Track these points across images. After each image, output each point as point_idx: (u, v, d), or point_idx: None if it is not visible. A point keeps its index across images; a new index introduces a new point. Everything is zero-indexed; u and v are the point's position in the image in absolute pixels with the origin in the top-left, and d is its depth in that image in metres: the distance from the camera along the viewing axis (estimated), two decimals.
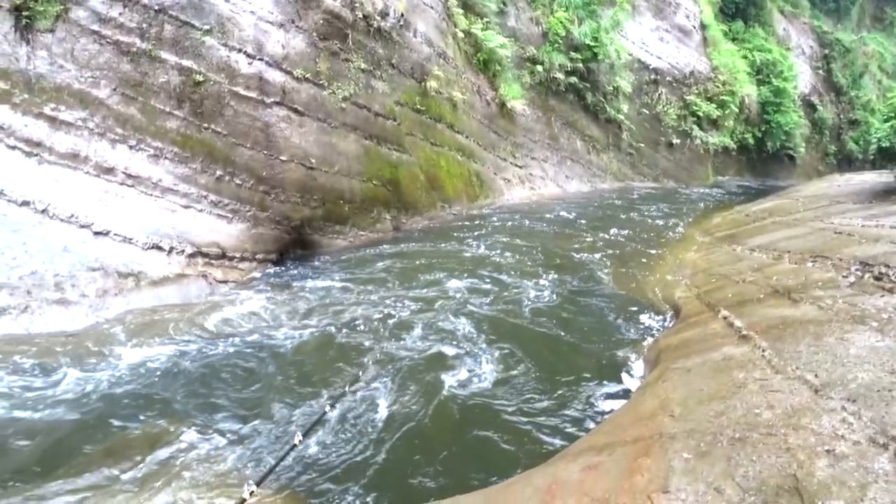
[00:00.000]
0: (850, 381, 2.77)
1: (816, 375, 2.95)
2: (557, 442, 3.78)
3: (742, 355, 3.67)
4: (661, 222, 11.73)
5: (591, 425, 3.96)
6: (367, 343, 5.13)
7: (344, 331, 5.33)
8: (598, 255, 8.45)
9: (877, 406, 2.48)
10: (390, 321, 5.58)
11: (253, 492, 2.99)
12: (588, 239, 9.54)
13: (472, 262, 7.58)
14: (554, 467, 3.07)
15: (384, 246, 8.25)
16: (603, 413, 4.12)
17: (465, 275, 7.02)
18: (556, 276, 7.26)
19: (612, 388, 4.53)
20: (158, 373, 4.46)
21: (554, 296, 6.56)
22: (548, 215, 11.25)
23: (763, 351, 3.58)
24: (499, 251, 8.23)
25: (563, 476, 2.85)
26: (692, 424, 2.84)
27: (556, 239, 9.26)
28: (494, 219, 10.52)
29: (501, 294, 6.47)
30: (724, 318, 4.72)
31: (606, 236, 9.79)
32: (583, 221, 11.03)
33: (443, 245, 8.45)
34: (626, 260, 8.53)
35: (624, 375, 4.75)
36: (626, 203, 13.86)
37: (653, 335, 5.52)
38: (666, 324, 5.83)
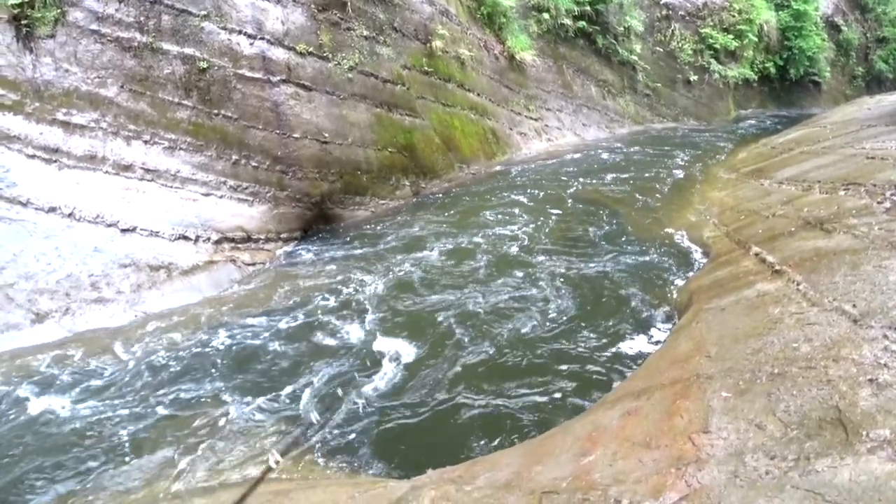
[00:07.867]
0: (891, 309, 2.71)
1: (855, 305, 2.89)
2: (595, 390, 3.81)
3: (776, 290, 3.61)
4: (684, 161, 11.47)
5: (626, 370, 3.97)
6: (397, 306, 5.21)
7: (373, 297, 5.40)
8: (620, 205, 8.33)
9: None
10: (417, 283, 5.64)
11: (278, 461, 3.31)
12: (610, 187, 9.40)
13: (493, 216, 7.57)
14: (593, 415, 3.10)
15: (405, 211, 8.26)
16: (639, 358, 4.13)
17: (489, 229, 7.02)
18: (578, 225, 7.22)
19: (646, 332, 4.53)
20: (196, 355, 4.59)
21: (579, 245, 6.53)
22: (564, 167, 11.08)
23: (798, 284, 3.51)
24: (522, 203, 8.19)
25: (603, 423, 2.88)
26: (729, 363, 2.82)
27: (575, 189, 9.14)
28: (512, 173, 10.44)
29: (528, 245, 6.52)
30: (756, 254, 4.64)
31: (626, 187, 9.60)
32: (599, 171, 10.84)
33: (463, 204, 8.44)
34: (649, 203, 8.39)
35: (656, 320, 4.74)
36: (645, 147, 13.52)
37: (684, 278, 5.46)
38: (696, 265, 5.76)
